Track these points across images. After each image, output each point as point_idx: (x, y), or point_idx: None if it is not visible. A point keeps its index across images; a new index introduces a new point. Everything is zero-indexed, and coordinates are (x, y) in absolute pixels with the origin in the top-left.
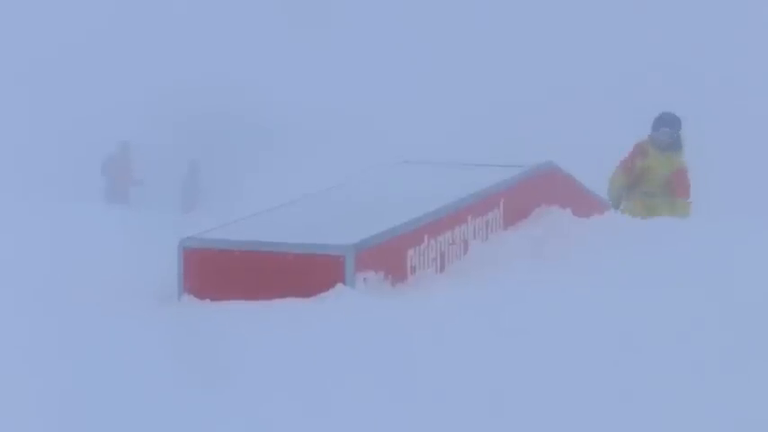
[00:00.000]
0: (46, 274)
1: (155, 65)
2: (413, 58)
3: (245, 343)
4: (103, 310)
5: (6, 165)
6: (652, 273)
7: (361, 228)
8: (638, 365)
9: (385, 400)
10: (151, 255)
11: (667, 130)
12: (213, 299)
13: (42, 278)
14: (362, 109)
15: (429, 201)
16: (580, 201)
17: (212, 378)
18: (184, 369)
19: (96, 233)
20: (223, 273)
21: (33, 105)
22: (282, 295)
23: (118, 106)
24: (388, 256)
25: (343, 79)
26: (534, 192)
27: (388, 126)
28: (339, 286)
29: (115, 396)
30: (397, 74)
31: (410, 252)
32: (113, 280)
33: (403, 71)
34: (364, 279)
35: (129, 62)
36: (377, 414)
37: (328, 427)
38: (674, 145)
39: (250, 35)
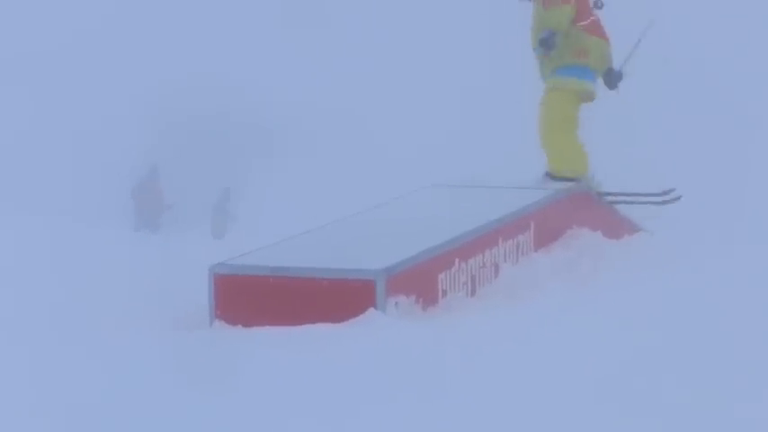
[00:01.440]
0: (76, 300)
1: (153, 66)
2: (411, 59)
3: (276, 368)
4: (135, 336)
5: (13, 180)
6: (686, 296)
7: (392, 252)
8: (674, 392)
9: (418, 425)
10: (183, 281)
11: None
12: (245, 325)
13: (72, 304)
14: (361, 108)
15: (459, 223)
16: (610, 222)
17: (242, 404)
18: (214, 394)
19: (126, 259)
20: (254, 298)
21: (34, 111)
22: (314, 320)
23: (114, 109)
24: (419, 280)
25: (342, 79)
26: (565, 214)
27: (388, 125)
28: (371, 311)
29: (144, 420)
30: (395, 74)
31: (441, 276)
32: (144, 306)
33: (401, 72)
34: (396, 303)
35: (127, 63)
36: None
37: None
38: None
39: (249, 36)
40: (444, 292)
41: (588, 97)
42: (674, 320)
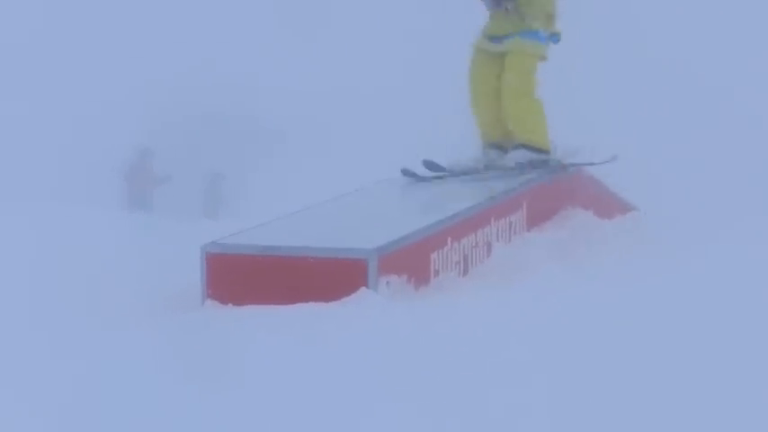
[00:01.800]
0: (66, 280)
1: (151, 63)
2: (414, 56)
3: (267, 348)
4: (125, 316)
5: (13, 169)
6: (678, 276)
7: (384, 231)
8: (668, 372)
9: (408, 405)
10: (175, 260)
11: None
12: (236, 304)
13: (63, 283)
14: (363, 107)
15: (452, 203)
16: (603, 202)
17: (230, 383)
18: (203, 374)
19: (117, 239)
20: (246, 278)
21: (31, 104)
22: (305, 300)
23: (117, 106)
24: (411, 260)
25: (341, 77)
26: (557, 193)
27: (389, 124)
28: (362, 290)
29: (132, 401)
30: (398, 72)
31: (433, 255)
32: (136, 286)
33: (404, 69)
34: (387, 283)
35: (126, 61)
36: (400, 419)
37: None
38: None
39: (247, 33)
40: (436, 272)
41: (542, 60)
42: (666, 303)
